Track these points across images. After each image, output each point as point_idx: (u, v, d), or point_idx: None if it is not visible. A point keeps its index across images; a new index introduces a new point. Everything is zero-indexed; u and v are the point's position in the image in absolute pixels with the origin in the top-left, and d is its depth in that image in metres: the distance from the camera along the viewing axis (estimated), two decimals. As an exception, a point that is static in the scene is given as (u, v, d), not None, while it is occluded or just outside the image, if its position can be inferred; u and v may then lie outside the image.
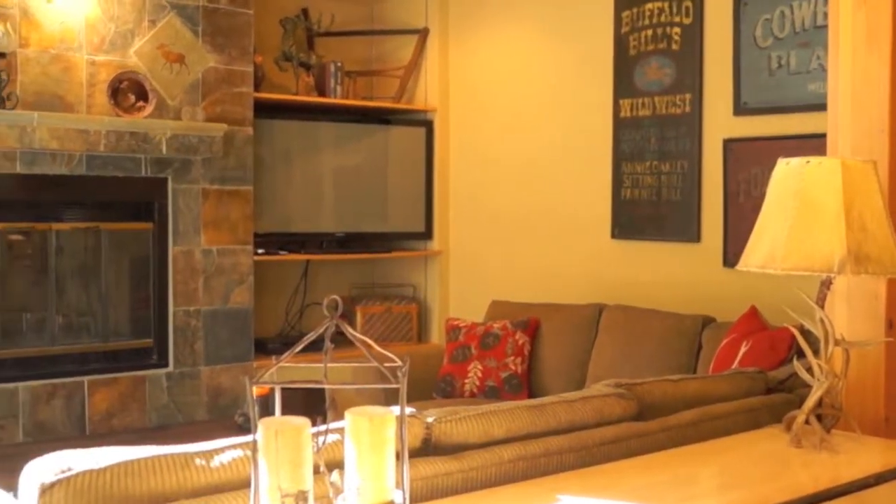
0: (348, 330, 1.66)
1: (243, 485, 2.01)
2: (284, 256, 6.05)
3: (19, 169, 4.86)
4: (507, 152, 6.03)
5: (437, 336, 6.43)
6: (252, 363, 5.61)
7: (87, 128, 4.87)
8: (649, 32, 5.17)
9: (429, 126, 6.48)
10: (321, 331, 1.65)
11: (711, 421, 2.81)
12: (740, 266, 2.60)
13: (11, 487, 2.35)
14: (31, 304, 5.19)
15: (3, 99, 4.72)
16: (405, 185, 6.45)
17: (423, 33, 6.45)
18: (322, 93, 6.25)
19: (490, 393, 4.89)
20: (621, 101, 5.30)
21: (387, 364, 1.69)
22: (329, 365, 1.71)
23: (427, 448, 2.33)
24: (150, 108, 5.15)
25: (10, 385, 4.88)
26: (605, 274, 5.40)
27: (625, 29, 5.29)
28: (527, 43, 5.91)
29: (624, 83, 5.30)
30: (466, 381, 4.95)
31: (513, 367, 4.91)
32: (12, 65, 4.83)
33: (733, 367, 3.77)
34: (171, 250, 5.34)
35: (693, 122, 4.96)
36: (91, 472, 1.90)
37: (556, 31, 5.71)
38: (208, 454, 2.02)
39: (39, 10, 4.92)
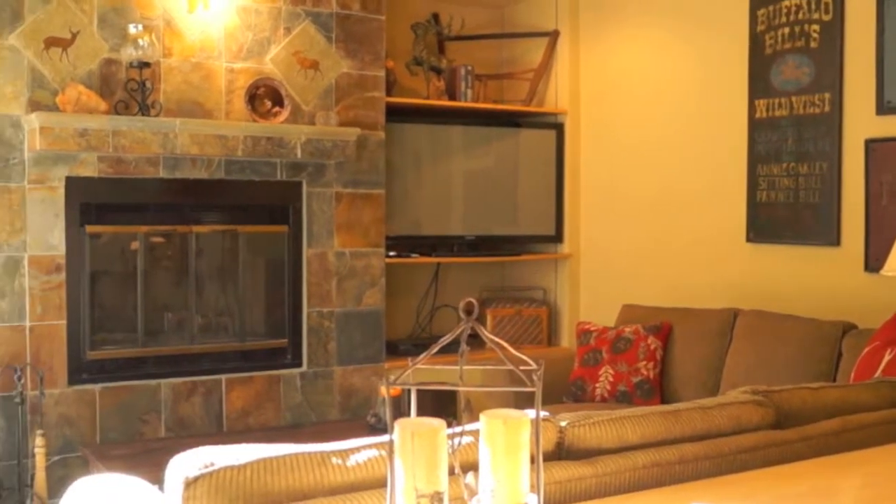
0: (484, 332, 1.67)
1: (379, 484, 2.03)
2: (416, 259, 6.11)
3: (162, 174, 5.02)
4: (639, 154, 5.96)
5: (567, 340, 6.40)
6: (383, 364, 5.68)
7: (225, 133, 5.01)
8: (786, 30, 5.04)
9: (559, 129, 6.46)
10: (457, 333, 1.66)
11: (853, 431, 2.72)
12: (885, 271, 2.52)
13: (156, 480, 2.43)
14: (172, 304, 5.35)
15: (147, 107, 4.89)
16: (535, 188, 6.44)
17: (553, 35, 6.42)
18: (452, 97, 6.29)
19: (621, 398, 4.84)
20: (757, 102, 5.19)
21: (522, 367, 1.69)
22: (464, 367, 1.72)
23: (560, 452, 2.32)
24: (285, 114, 5.26)
25: (153, 382, 5.05)
26: (739, 278, 5.29)
27: (760, 27, 5.17)
28: (658, 43, 5.84)
29: (759, 83, 5.18)
30: (597, 385, 4.91)
31: (644, 372, 4.85)
32: (156, 74, 5.00)
33: (876, 375, 3.65)
34: (306, 252, 5.44)
35: (833, 122, 4.82)
36: (232, 467, 1.95)
37: (688, 31, 5.62)
38: (344, 453, 2.06)
39: (182, 20, 5.08)
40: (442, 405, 4.07)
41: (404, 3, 6.28)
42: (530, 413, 1.72)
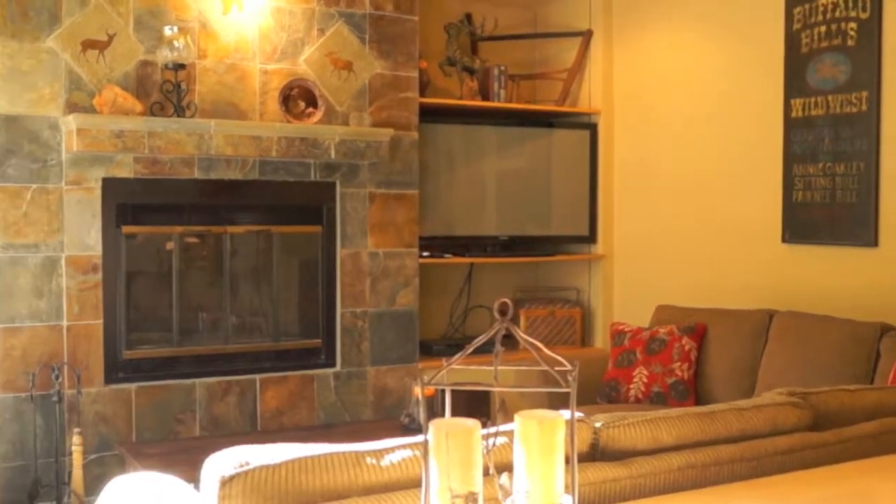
0: (518, 333, 1.67)
1: (413, 484, 2.04)
2: (449, 260, 6.11)
3: (197, 174, 5.06)
4: (673, 154, 5.93)
5: (600, 340, 6.38)
6: (417, 364, 5.68)
7: (259, 134, 5.03)
8: (823, 29, 5.00)
9: (593, 129, 6.44)
10: (492, 333, 1.65)
11: (892, 433, 2.70)
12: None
13: (191, 479, 2.45)
14: (206, 304, 5.38)
15: (182, 108, 4.92)
16: (569, 188, 6.42)
17: (586, 35, 6.41)
18: (486, 97, 6.28)
19: (656, 399, 4.82)
20: (792, 101, 5.14)
21: (556, 368, 1.68)
22: (499, 368, 1.71)
23: (595, 453, 2.32)
24: (319, 115, 5.28)
25: (188, 381, 5.08)
26: (775, 279, 5.25)
27: (796, 26, 5.13)
28: (693, 42, 5.80)
29: (795, 82, 5.14)
30: (631, 386, 4.89)
31: (679, 373, 4.83)
32: (191, 75, 5.04)
33: (914, 376, 3.61)
34: (339, 253, 5.46)
35: (870, 122, 4.77)
36: (267, 467, 1.97)
37: (723, 30, 5.59)
38: (379, 453, 2.06)
39: (216, 22, 5.11)
40: (475, 406, 4.07)
41: (437, 4, 6.29)
42: (565, 414, 1.71)
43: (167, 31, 4.89)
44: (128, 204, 4.96)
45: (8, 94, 4.65)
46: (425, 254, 5.89)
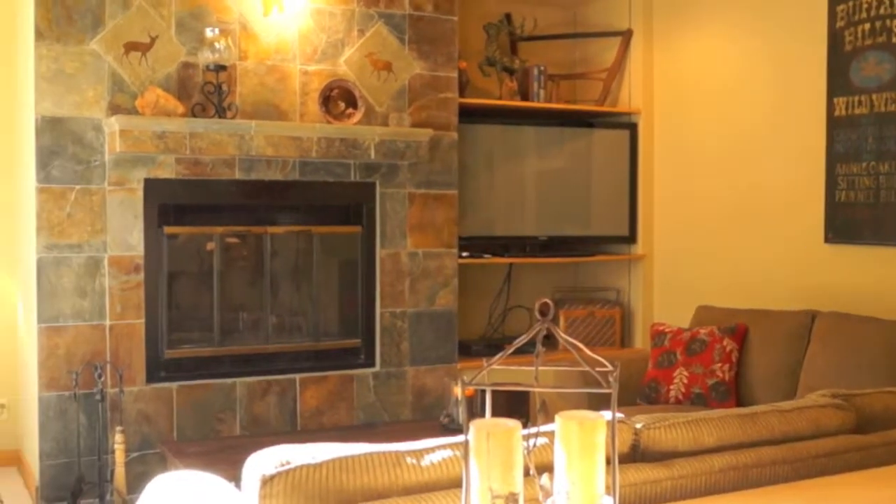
0: (559, 333, 1.66)
1: (453, 484, 2.04)
2: (488, 260, 6.10)
3: (238, 175, 5.09)
4: (714, 154, 5.89)
5: (640, 341, 6.35)
6: (456, 365, 5.69)
7: (300, 135, 5.05)
8: (867, 26, 4.94)
9: (633, 128, 6.41)
10: (532, 333, 1.65)
11: (938, 436, 2.66)
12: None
13: (232, 477, 2.47)
14: (247, 304, 5.42)
15: (223, 109, 4.95)
16: (609, 188, 6.40)
17: (626, 35, 6.38)
18: (525, 97, 6.27)
19: (696, 400, 4.78)
20: (836, 100, 5.09)
21: (597, 369, 1.68)
22: (539, 368, 1.71)
23: (635, 454, 2.31)
24: (358, 115, 5.30)
25: (229, 380, 5.12)
26: (817, 279, 5.20)
27: (840, 23, 5.07)
28: (734, 41, 5.76)
29: (838, 80, 5.08)
30: (672, 387, 4.86)
31: (720, 374, 4.79)
32: (232, 77, 5.07)
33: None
34: (379, 253, 5.47)
35: (915, 121, 4.71)
36: (308, 466, 1.97)
37: (764, 28, 5.54)
38: (419, 453, 2.06)
39: (257, 23, 5.14)
40: (514, 406, 4.06)
41: (477, 4, 6.29)
42: (605, 415, 1.71)
43: (208, 33, 4.93)
44: (169, 204, 5.01)
45: (53, 97, 4.71)
46: (464, 254, 5.88)
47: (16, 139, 5.38)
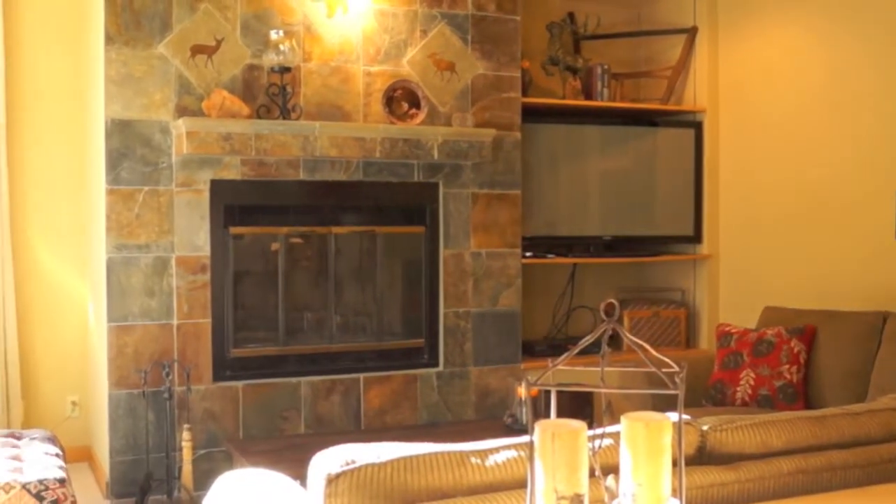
0: (625, 334, 1.65)
1: (517, 485, 2.03)
2: (552, 260, 6.08)
3: (302, 176, 5.13)
4: (781, 153, 5.80)
5: (705, 342, 6.29)
6: (520, 365, 5.67)
7: (363, 136, 5.08)
8: (939, 22, 4.84)
9: (698, 127, 6.34)
10: (598, 334, 1.64)
11: None
12: None
13: (297, 476, 2.48)
14: (311, 303, 5.46)
15: (288, 110, 5.00)
16: (673, 187, 6.34)
17: (691, 32, 6.32)
18: (589, 96, 6.24)
19: (763, 402, 4.72)
20: (907, 97, 4.99)
21: (663, 369, 1.66)
22: (605, 369, 1.70)
23: (702, 456, 2.28)
24: (422, 116, 5.31)
25: (294, 379, 5.16)
26: (888, 279, 5.10)
27: (911, 20, 4.97)
28: (801, 37, 5.67)
29: (910, 77, 4.98)
30: (738, 388, 4.80)
31: (787, 376, 4.72)
32: (296, 78, 5.11)
33: None
34: (442, 253, 5.48)
35: None
36: (373, 465, 1.98)
37: (833, 24, 5.45)
38: (483, 453, 2.06)
39: (321, 25, 5.18)
40: (577, 407, 4.05)
41: (540, 3, 6.27)
42: (671, 416, 1.69)
43: (273, 35, 4.97)
44: (235, 205, 5.06)
45: (121, 100, 4.78)
46: (528, 254, 5.87)
47: (86, 142, 5.48)
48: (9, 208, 5.40)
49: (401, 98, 5.34)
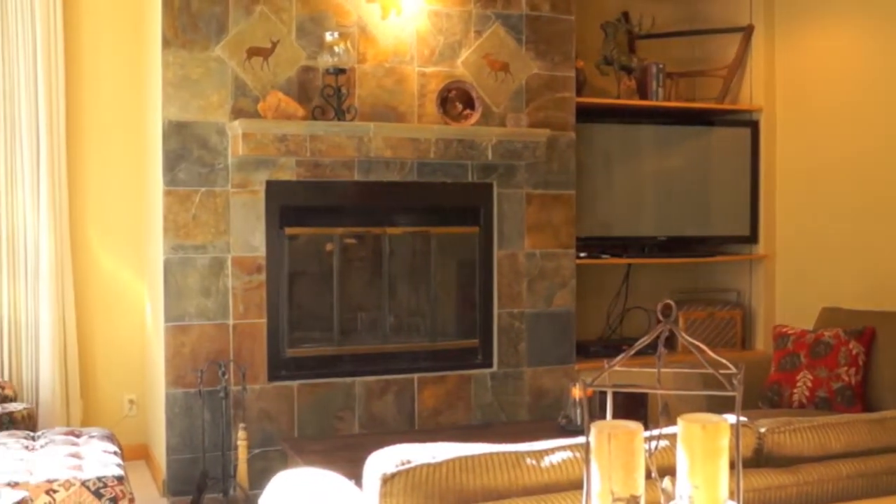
0: (682, 335, 1.64)
1: (572, 486, 2.03)
2: (606, 260, 6.05)
3: (356, 176, 5.15)
4: (839, 152, 5.72)
5: (761, 343, 6.22)
6: (574, 366, 5.65)
7: (418, 136, 5.09)
8: None
9: (754, 126, 6.28)
10: (655, 335, 1.63)
11: None
12: None
13: (352, 475, 2.50)
14: (365, 304, 5.48)
15: (343, 112, 5.02)
16: (729, 187, 6.28)
17: (747, 31, 6.25)
18: (643, 96, 6.20)
19: (821, 404, 4.66)
20: (970, 94, 4.90)
21: (721, 371, 1.65)
22: (661, 370, 1.69)
23: (759, 459, 2.26)
24: (476, 116, 5.31)
25: (348, 379, 5.18)
26: (950, 280, 5.01)
27: (974, 16, 4.88)
28: (861, 34, 5.59)
29: (973, 74, 4.89)
30: (795, 390, 4.75)
31: (846, 378, 4.66)
32: (351, 79, 5.14)
33: None
34: (496, 254, 5.48)
35: None
36: (428, 465, 1.99)
37: (892, 22, 5.36)
38: (539, 454, 2.06)
39: (375, 26, 5.20)
40: (632, 408, 4.02)
41: (594, 3, 6.24)
42: (729, 418, 1.68)
43: (328, 37, 5.00)
44: (290, 206, 5.09)
45: (179, 102, 4.84)
46: (582, 254, 5.85)
47: (143, 144, 5.55)
48: (68, 209, 5.49)
49: (455, 99, 5.35)
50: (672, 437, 1.75)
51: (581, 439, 1.68)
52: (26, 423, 4.66)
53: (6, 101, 5.33)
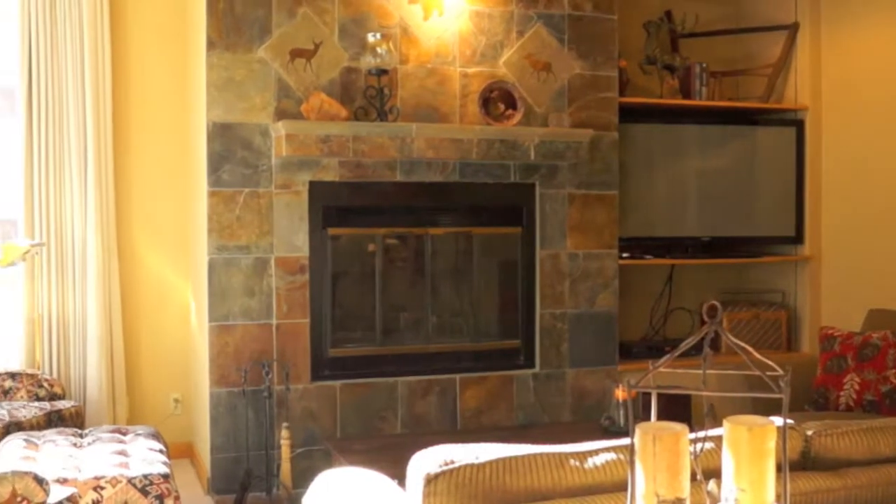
0: (728, 336, 1.63)
1: (616, 488, 2.02)
2: (649, 261, 6.02)
3: (399, 177, 5.16)
4: (886, 152, 5.65)
5: (807, 345, 6.16)
6: (616, 367, 5.63)
7: (460, 137, 5.09)
8: None
9: (799, 126, 6.21)
10: (700, 336, 1.62)
11: None
12: None
13: (395, 475, 2.50)
14: (408, 304, 5.49)
15: (385, 113, 5.03)
16: (774, 187, 6.22)
17: (792, 29, 6.19)
18: (687, 95, 6.16)
19: (868, 407, 4.60)
20: None
21: (767, 373, 1.63)
22: (706, 371, 1.68)
23: (806, 462, 2.24)
24: (518, 116, 5.30)
25: (391, 379, 5.20)
26: None
27: None
28: (910, 33, 5.52)
29: None
30: (842, 393, 4.69)
31: (894, 381, 4.60)
32: (393, 80, 5.15)
33: None
34: (539, 254, 5.47)
35: None
36: (472, 465, 1.99)
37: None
38: (582, 455, 2.05)
39: (417, 27, 5.21)
40: (675, 409, 4.00)
41: (637, 2, 6.21)
42: (775, 420, 1.66)
43: (370, 38, 5.02)
44: (333, 206, 5.12)
45: (223, 104, 4.88)
46: (625, 255, 5.82)
47: (188, 145, 5.60)
48: (115, 210, 5.55)
49: (497, 99, 5.34)
50: (717, 440, 1.74)
51: (625, 441, 1.67)
52: (74, 420, 4.73)
53: (55, 104, 5.41)
